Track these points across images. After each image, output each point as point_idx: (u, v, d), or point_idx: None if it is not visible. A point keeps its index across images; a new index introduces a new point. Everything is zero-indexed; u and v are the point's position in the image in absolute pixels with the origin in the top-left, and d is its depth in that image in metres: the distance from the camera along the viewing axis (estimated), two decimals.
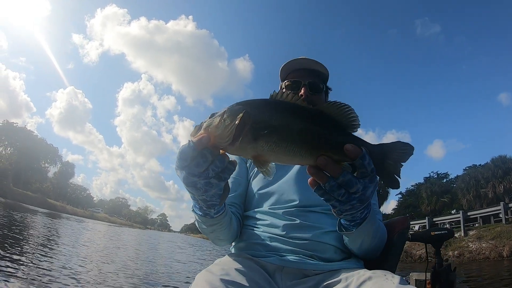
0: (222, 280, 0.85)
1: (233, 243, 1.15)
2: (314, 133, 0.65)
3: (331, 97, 1.35)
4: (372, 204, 0.94)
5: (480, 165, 37.03)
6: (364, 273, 0.89)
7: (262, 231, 1.08)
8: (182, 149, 0.66)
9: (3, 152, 51.22)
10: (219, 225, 0.94)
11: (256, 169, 1.20)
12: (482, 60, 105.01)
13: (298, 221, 1.05)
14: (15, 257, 6.19)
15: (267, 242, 1.05)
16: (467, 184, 34.94)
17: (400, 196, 46.48)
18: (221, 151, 0.67)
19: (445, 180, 42.77)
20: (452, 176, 42.82)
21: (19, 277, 4.78)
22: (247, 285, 0.87)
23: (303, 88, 1.23)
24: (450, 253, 17.13)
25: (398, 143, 0.69)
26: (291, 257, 1.00)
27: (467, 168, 38.48)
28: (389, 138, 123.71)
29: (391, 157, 0.69)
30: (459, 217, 20.78)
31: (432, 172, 44.99)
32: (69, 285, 4.90)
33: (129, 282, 6.05)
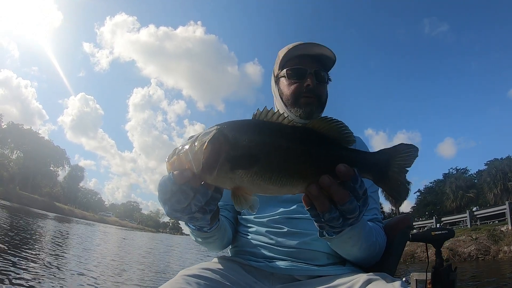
0: (198, 276, 0.86)
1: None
2: (304, 156, 0.56)
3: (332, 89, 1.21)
4: (373, 208, 1.02)
5: (501, 158, 35.87)
6: (360, 277, 0.83)
7: (250, 238, 1.05)
8: (162, 182, 0.61)
9: (10, 156, 50.75)
10: (213, 238, 0.91)
11: None
12: (490, 57, 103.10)
13: (285, 229, 1.01)
14: (15, 261, 6.11)
15: (256, 250, 1.02)
16: (494, 177, 33.79)
17: (418, 194, 44.86)
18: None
19: (465, 176, 41.23)
20: (472, 171, 41.59)
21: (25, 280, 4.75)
22: (227, 283, 0.87)
23: (309, 78, 1.12)
24: (506, 248, 15.48)
25: (401, 146, 0.61)
26: (281, 264, 0.96)
27: (488, 162, 37.29)
28: (399, 138, 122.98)
29: (395, 164, 0.60)
30: (504, 209, 19.03)
31: (451, 168, 43.94)
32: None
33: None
